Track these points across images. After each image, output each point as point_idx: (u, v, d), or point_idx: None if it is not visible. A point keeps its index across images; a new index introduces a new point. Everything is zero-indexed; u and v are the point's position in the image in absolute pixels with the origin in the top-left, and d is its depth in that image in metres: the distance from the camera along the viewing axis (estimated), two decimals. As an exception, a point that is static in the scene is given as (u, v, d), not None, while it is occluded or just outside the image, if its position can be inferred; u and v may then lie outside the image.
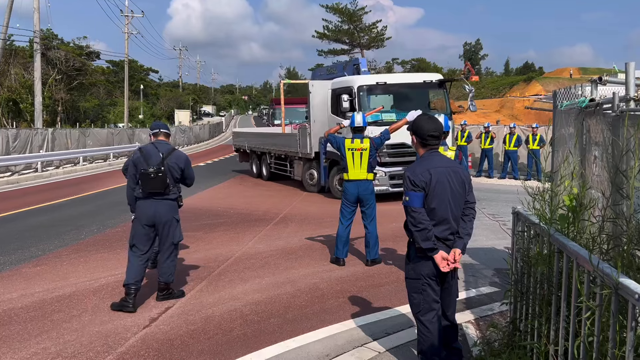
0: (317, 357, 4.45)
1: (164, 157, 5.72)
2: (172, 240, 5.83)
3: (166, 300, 5.87)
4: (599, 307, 2.54)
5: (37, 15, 27.92)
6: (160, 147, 5.82)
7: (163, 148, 5.83)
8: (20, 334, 4.99)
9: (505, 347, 3.95)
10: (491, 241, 8.83)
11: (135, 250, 5.70)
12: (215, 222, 10.91)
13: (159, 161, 5.67)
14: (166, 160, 5.71)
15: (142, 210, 5.71)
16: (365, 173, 7.25)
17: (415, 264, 3.69)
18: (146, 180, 5.60)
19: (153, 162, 5.66)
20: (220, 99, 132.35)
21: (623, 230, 2.96)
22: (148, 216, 5.68)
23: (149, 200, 5.69)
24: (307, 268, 7.26)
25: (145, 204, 5.70)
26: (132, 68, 65.66)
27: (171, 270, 5.87)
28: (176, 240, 5.87)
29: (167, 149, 5.84)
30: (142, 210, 5.71)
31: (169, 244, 5.82)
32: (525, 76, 78.43)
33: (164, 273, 5.84)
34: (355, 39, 64.10)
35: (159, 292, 5.94)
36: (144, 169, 5.60)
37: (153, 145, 5.84)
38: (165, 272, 5.84)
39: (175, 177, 5.81)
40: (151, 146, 5.84)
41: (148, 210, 5.68)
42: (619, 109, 3.63)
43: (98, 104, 58.23)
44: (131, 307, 5.53)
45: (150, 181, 5.60)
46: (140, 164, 5.67)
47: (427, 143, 3.74)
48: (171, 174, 5.73)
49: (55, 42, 50.94)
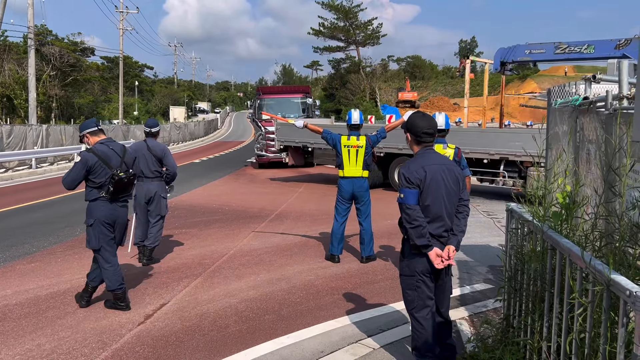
0: (311, 353, 4.46)
1: (122, 157, 5.46)
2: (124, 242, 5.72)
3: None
4: (591, 303, 2.57)
5: (31, 11, 27.77)
6: (113, 147, 5.49)
7: (116, 147, 5.52)
8: (14, 331, 4.99)
9: (499, 344, 3.97)
10: (485, 238, 8.86)
11: (106, 255, 5.43)
12: (210, 219, 10.91)
13: (120, 162, 5.41)
14: (125, 161, 5.48)
15: (105, 211, 5.36)
16: (361, 170, 7.26)
17: (409, 261, 3.71)
18: (119, 185, 5.32)
19: (114, 164, 5.37)
20: (215, 95, 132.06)
21: (615, 227, 2.99)
22: (111, 216, 5.40)
23: (111, 204, 5.39)
24: (302, 265, 7.28)
25: (107, 206, 5.37)
26: (127, 64, 65.38)
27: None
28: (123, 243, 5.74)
29: (119, 148, 5.55)
30: (105, 212, 5.36)
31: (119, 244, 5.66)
32: (520, 74, 78.59)
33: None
34: (350, 36, 64.15)
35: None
36: (115, 174, 5.29)
37: (105, 146, 5.44)
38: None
39: None
40: (104, 147, 5.43)
41: (111, 211, 5.39)
42: (612, 107, 3.65)
43: (92, 100, 57.98)
44: (125, 307, 5.48)
45: (123, 185, 5.37)
46: (101, 169, 5.30)
47: (422, 140, 3.76)
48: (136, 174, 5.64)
49: (49, 38, 50.69)
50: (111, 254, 5.46)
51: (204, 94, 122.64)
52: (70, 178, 5.32)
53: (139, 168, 7.22)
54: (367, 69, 68.20)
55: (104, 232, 5.38)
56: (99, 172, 5.30)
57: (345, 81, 67.45)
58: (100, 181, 5.32)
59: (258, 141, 22.68)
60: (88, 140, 5.46)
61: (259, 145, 22.34)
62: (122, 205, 5.52)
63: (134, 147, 7.41)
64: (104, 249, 5.40)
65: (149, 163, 7.22)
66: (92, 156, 5.31)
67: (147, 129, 7.43)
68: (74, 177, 5.30)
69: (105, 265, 5.41)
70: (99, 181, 5.32)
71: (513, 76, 78.85)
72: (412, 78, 77.47)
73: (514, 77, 76.73)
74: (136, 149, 7.31)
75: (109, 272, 5.42)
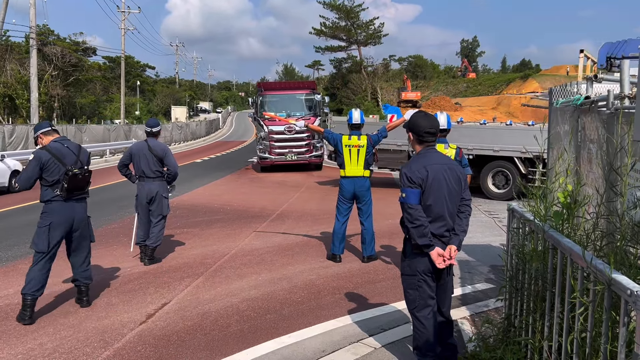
0: (313, 352, 4.47)
1: (77, 155, 5.40)
2: (90, 240, 5.63)
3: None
4: (592, 302, 2.57)
5: (33, 11, 27.81)
6: (68, 145, 5.42)
7: (71, 145, 5.45)
8: (16, 330, 5.00)
9: (500, 343, 3.97)
10: (487, 238, 8.86)
11: (47, 260, 5.26)
12: (212, 218, 10.92)
13: (75, 160, 5.34)
14: (80, 158, 5.40)
15: (62, 214, 5.27)
16: (362, 170, 7.26)
17: (411, 261, 3.71)
18: (73, 181, 5.23)
19: (69, 161, 5.29)
20: (217, 95, 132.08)
21: (616, 227, 2.99)
22: (69, 218, 5.31)
23: (67, 203, 5.30)
24: (304, 264, 7.28)
25: (63, 206, 5.27)
26: (129, 64, 65.39)
27: None
28: (93, 240, 5.68)
29: (74, 145, 5.49)
30: (62, 214, 5.27)
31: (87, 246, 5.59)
32: (522, 73, 78.53)
33: None
34: (352, 36, 64.15)
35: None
36: (69, 170, 5.21)
37: (60, 144, 5.37)
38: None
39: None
40: (58, 145, 5.36)
41: (68, 212, 5.30)
42: (614, 106, 3.65)
43: (94, 100, 58.03)
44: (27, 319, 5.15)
45: (78, 182, 5.28)
46: (54, 166, 5.22)
47: (424, 140, 3.76)
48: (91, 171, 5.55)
49: (51, 37, 50.75)
50: (51, 260, 5.31)
51: (205, 94, 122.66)
52: (25, 176, 5.27)
53: (140, 168, 7.24)
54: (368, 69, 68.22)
55: (55, 236, 5.24)
56: (53, 170, 5.23)
57: (346, 81, 67.48)
58: (53, 179, 5.23)
59: (260, 142, 20.78)
60: (42, 140, 5.41)
61: (262, 146, 20.57)
62: (79, 202, 5.42)
63: (135, 147, 7.42)
64: (49, 254, 5.26)
65: (150, 163, 7.22)
66: (45, 153, 5.25)
67: (148, 129, 7.43)
68: (29, 175, 5.24)
69: (37, 267, 5.22)
70: (51, 179, 5.22)
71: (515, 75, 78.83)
72: (413, 78, 77.38)
73: (515, 76, 76.67)
74: (137, 148, 7.32)
75: (34, 273, 5.20)
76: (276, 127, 19.88)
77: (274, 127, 19.97)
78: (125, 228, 9.76)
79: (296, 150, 20.32)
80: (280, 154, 20.21)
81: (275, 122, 19.54)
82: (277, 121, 19.35)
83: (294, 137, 20.19)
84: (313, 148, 20.83)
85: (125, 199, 13.01)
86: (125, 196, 13.40)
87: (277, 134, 20.04)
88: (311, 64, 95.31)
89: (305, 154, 20.64)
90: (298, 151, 20.34)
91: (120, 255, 7.84)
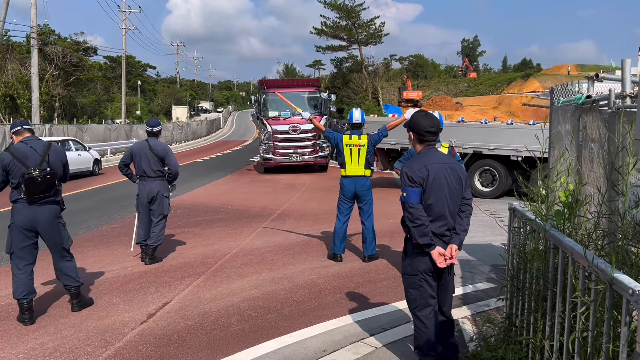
0: (314, 352, 4.47)
1: (43, 155, 5.13)
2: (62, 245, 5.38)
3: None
4: (593, 302, 2.56)
5: (34, 11, 27.82)
6: (33, 145, 5.16)
7: (37, 145, 5.18)
8: (17, 329, 5.00)
9: (501, 343, 3.97)
10: (488, 237, 8.85)
11: (18, 262, 5.15)
12: (213, 218, 10.92)
13: (39, 161, 5.09)
14: (46, 159, 5.14)
15: (23, 215, 5.09)
16: (363, 169, 7.26)
17: (412, 260, 3.70)
18: (32, 185, 5.00)
19: (32, 163, 5.05)
20: (217, 95, 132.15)
21: (618, 226, 2.98)
22: (31, 221, 5.11)
23: (31, 206, 5.09)
24: (304, 264, 7.28)
25: (26, 209, 5.09)
26: (130, 64, 65.44)
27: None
28: (66, 245, 5.43)
29: (42, 145, 5.20)
30: (23, 216, 5.09)
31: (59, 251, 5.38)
32: (523, 73, 78.47)
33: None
34: (353, 35, 64.08)
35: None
36: (26, 172, 4.99)
37: (24, 144, 5.13)
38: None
39: (59, 175, 5.29)
40: (22, 145, 5.13)
41: (30, 215, 5.10)
42: (615, 105, 3.65)
43: (95, 99, 58.05)
44: (27, 320, 5.13)
45: (37, 185, 5.02)
46: (16, 168, 5.03)
47: (425, 139, 3.75)
48: (56, 173, 5.22)
49: (52, 37, 50.76)
50: (24, 261, 5.17)
51: (206, 94, 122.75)
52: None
53: (141, 167, 7.23)
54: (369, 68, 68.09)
55: (18, 237, 5.12)
56: (15, 172, 5.05)
57: (347, 80, 67.36)
58: (15, 181, 5.07)
59: (263, 142, 19.90)
60: (13, 140, 5.28)
61: (265, 146, 19.75)
62: (44, 206, 5.16)
63: (135, 147, 7.42)
64: (16, 255, 5.15)
65: (151, 162, 7.22)
66: (7, 155, 5.09)
67: (149, 129, 7.43)
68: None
69: (14, 271, 5.15)
70: (14, 181, 5.08)
71: (516, 75, 78.76)
72: (414, 77, 77.34)
73: (516, 75, 76.63)
74: (138, 148, 7.33)
75: (17, 279, 5.13)
76: (280, 127, 19.25)
77: (277, 127, 19.30)
78: (126, 228, 9.77)
79: (301, 151, 19.46)
80: (285, 155, 19.46)
81: (280, 121, 19.05)
82: (281, 120, 18.98)
83: (299, 137, 19.29)
84: (319, 148, 19.94)
85: (126, 198, 13.02)
86: (126, 196, 13.40)
87: (281, 133, 19.31)
88: (312, 63, 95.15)
89: (310, 154, 19.72)
90: (303, 152, 19.50)
91: (121, 254, 7.84)
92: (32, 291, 5.21)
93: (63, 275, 5.41)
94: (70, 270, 5.43)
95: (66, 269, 5.40)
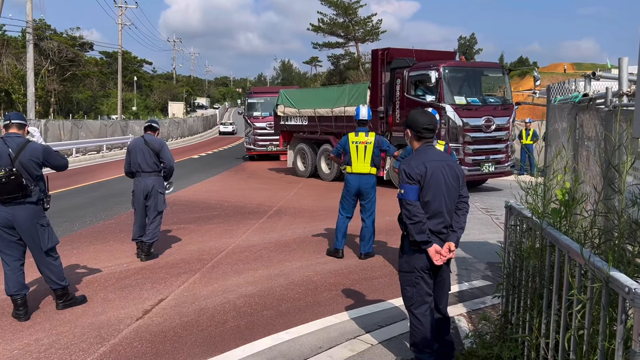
0: (310, 349, 4.47)
1: (15, 155, 4.92)
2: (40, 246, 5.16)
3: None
4: (589, 300, 2.57)
5: (29, 5, 27.67)
6: (9, 143, 4.95)
7: (13, 143, 4.96)
8: (12, 325, 4.98)
9: (497, 340, 3.98)
10: (484, 235, 8.87)
11: (5, 258, 5.08)
12: (208, 214, 10.90)
13: (9, 162, 4.88)
14: (19, 159, 4.92)
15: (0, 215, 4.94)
16: (369, 167, 7.27)
17: (408, 257, 3.70)
18: None
19: (4, 162, 4.86)
20: (214, 91, 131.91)
21: (614, 224, 2.99)
22: (7, 220, 4.95)
23: (7, 206, 4.93)
24: (301, 261, 7.28)
25: (2, 208, 4.92)
26: (126, 59, 65.23)
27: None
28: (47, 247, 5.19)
29: (17, 144, 4.98)
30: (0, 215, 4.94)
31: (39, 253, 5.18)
32: (520, 71, 78.55)
33: None
34: (350, 32, 64.01)
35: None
36: None
37: (2, 141, 4.96)
38: None
39: (35, 175, 5.07)
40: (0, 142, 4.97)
41: (7, 215, 4.94)
42: (612, 104, 3.65)
43: (91, 95, 57.92)
44: (22, 316, 5.10)
45: (3, 186, 4.79)
46: None
47: (422, 136, 3.75)
48: (28, 173, 4.98)
49: (48, 32, 50.57)
50: (11, 257, 5.08)
51: (202, 90, 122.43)
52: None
53: (136, 162, 7.21)
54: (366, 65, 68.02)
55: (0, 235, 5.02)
56: None
57: (344, 77, 67.34)
58: None
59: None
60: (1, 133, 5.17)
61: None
62: (19, 206, 4.97)
63: (131, 144, 7.41)
64: (2, 252, 5.08)
65: (147, 157, 7.20)
66: None
67: (147, 124, 7.46)
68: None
69: (4, 268, 5.12)
70: None
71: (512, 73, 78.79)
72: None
73: (513, 74, 76.67)
74: (134, 144, 7.31)
75: (7, 276, 5.09)
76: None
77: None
78: (121, 224, 9.74)
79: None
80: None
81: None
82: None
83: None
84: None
85: (121, 194, 12.98)
86: (121, 192, 13.37)
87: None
88: (309, 60, 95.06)
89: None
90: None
91: (117, 251, 7.82)
92: (23, 287, 5.18)
93: (45, 276, 5.34)
94: (52, 272, 5.27)
95: (48, 270, 5.26)
